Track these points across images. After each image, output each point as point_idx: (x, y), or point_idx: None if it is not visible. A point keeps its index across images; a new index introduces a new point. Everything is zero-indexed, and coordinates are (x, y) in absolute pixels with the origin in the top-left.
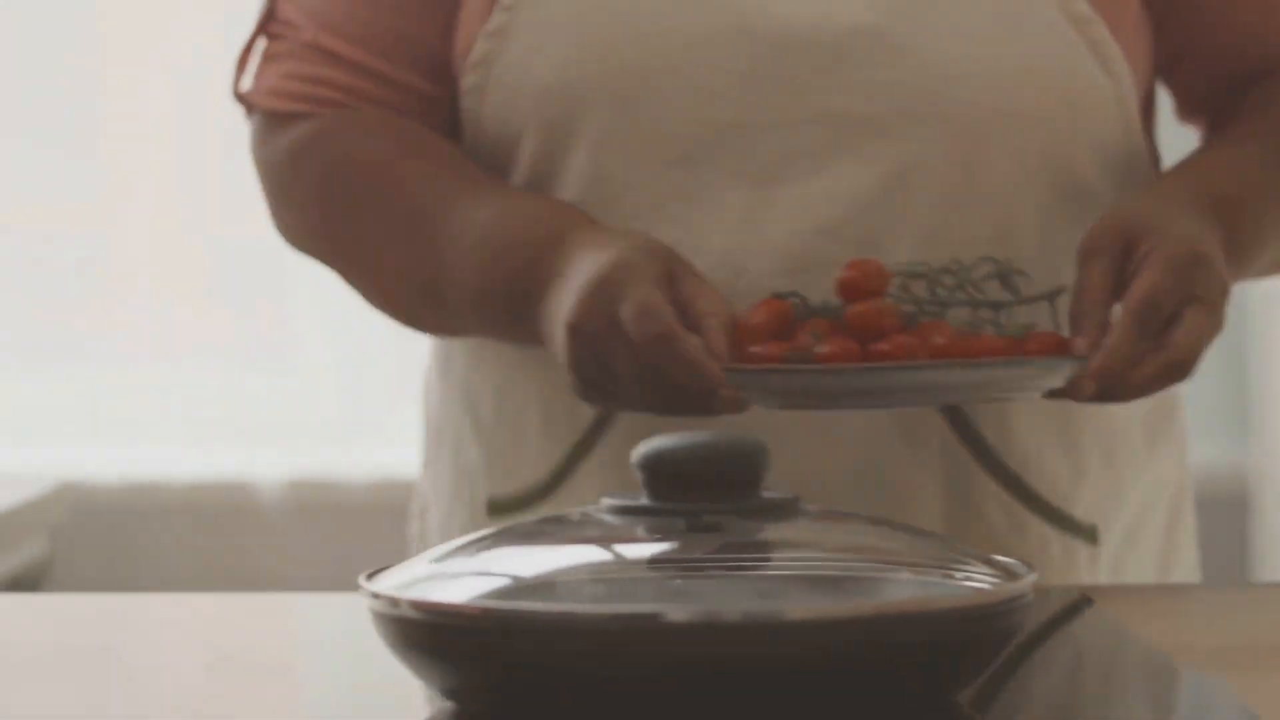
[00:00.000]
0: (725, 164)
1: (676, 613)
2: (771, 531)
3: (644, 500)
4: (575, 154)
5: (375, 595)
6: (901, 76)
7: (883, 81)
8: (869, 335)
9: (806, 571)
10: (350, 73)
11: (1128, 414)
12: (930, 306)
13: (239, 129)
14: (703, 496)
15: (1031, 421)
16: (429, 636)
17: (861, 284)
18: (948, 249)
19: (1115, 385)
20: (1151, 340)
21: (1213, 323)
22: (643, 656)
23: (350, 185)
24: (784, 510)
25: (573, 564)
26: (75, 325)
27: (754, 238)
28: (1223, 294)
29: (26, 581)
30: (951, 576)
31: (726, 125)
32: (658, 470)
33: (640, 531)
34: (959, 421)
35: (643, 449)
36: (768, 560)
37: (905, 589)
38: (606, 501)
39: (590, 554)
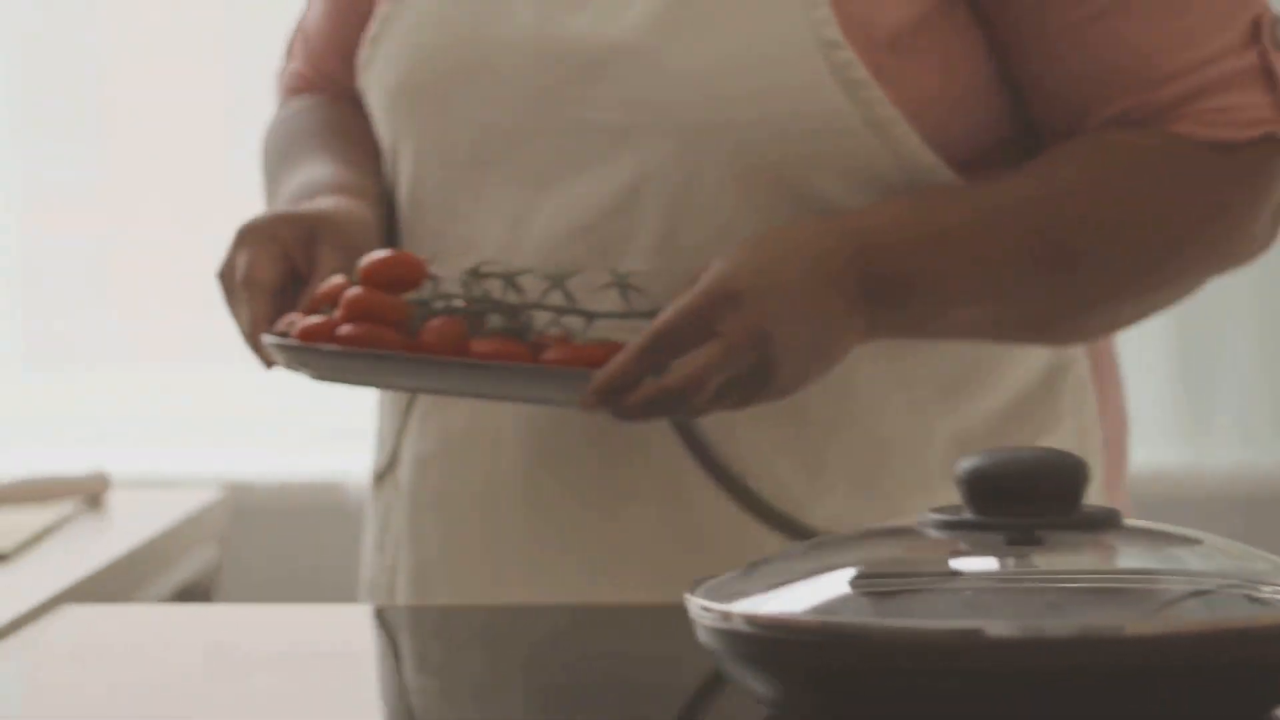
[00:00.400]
0: (505, 168)
1: (1000, 628)
2: (1091, 545)
3: (966, 514)
4: (404, 154)
5: (705, 609)
6: (647, 92)
7: (631, 96)
8: (373, 321)
9: (1127, 585)
10: (315, 71)
11: (884, 424)
12: (485, 305)
13: None
14: (1024, 510)
15: (760, 428)
16: (759, 649)
17: (383, 274)
18: (676, 256)
19: (612, 404)
20: (654, 367)
21: (726, 360)
22: (967, 671)
23: (266, 150)
24: (1104, 524)
25: (896, 577)
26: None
27: (523, 239)
28: (748, 333)
29: (199, 590)
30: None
31: (508, 131)
32: (979, 484)
33: (962, 545)
34: (682, 426)
35: (964, 464)
36: (1089, 574)
37: (1231, 605)
38: (928, 515)
39: (913, 566)
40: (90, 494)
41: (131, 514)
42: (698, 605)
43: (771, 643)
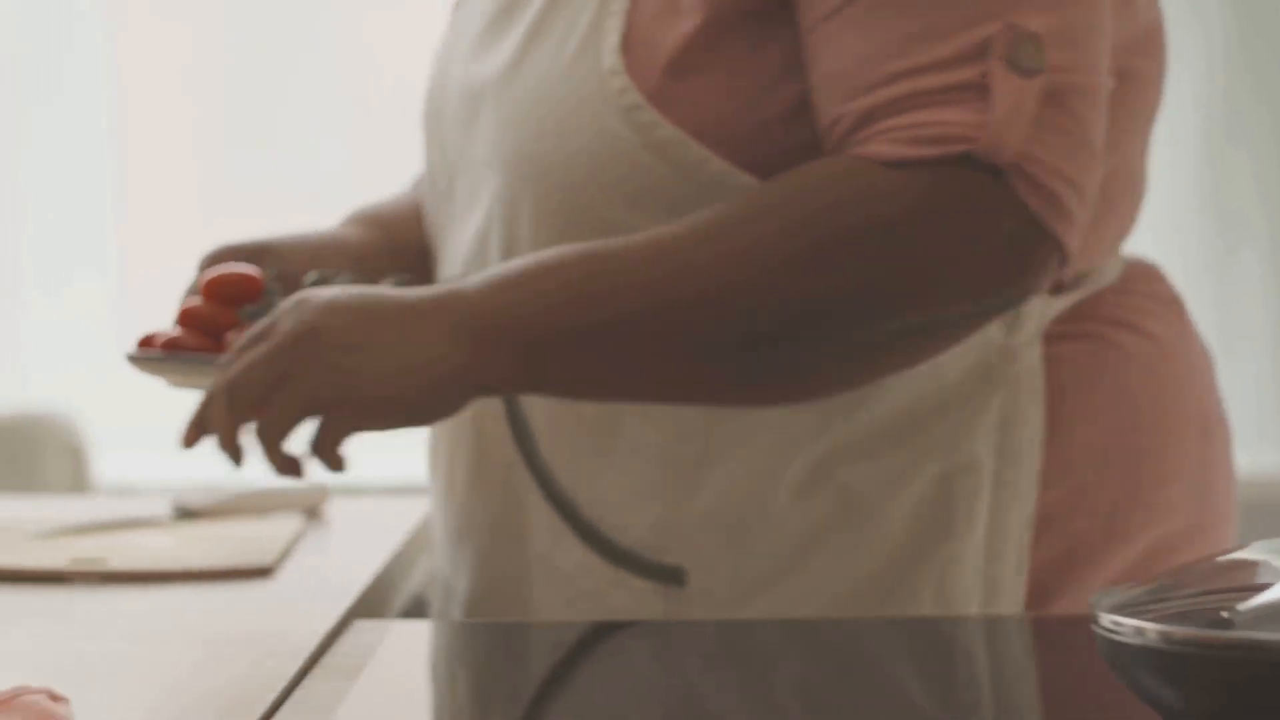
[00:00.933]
0: (448, 207)
1: None
2: None
3: None
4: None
5: (1113, 624)
6: (493, 132)
7: (487, 136)
8: (201, 331)
9: None
10: None
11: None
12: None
13: None
14: None
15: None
16: (1170, 664)
17: (219, 288)
18: None
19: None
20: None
21: (271, 353)
22: None
23: None
24: None
25: None
26: None
27: (447, 267)
28: (294, 325)
29: (421, 602)
30: None
31: (450, 167)
32: None
33: None
34: (530, 458)
35: None
36: None
37: None
38: None
39: None
40: (310, 505)
41: (353, 524)
42: (1106, 619)
43: (1183, 659)
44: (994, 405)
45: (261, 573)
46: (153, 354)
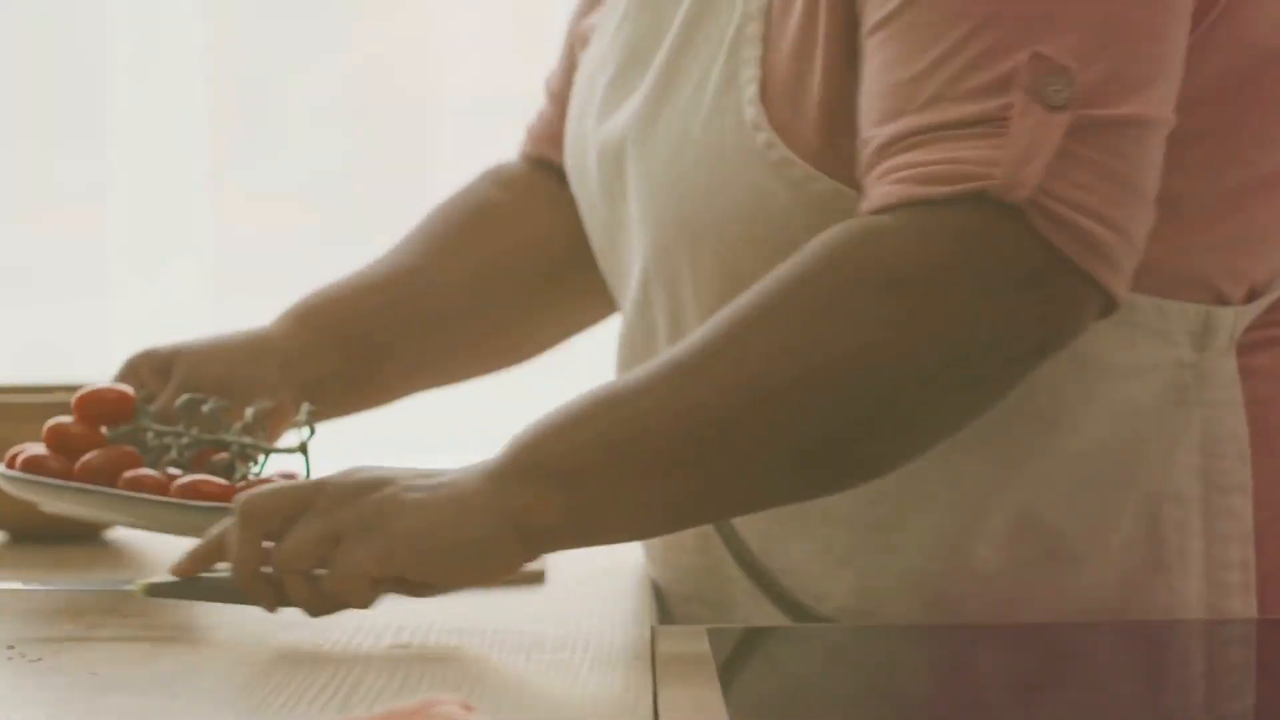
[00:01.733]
0: (611, 257)
1: None
2: None
3: None
4: None
5: None
6: (638, 192)
7: (636, 190)
8: (65, 451)
9: None
10: (556, 110)
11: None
12: (167, 438)
13: None
14: None
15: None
16: None
17: (88, 406)
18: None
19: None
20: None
21: (322, 520)
22: None
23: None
24: None
25: None
26: None
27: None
28: (340, 489)
29: None
30: None
31: (601, 224)
32: None
33: None
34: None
35: None
36: None
37: None
38: None
39: None
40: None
41: None
42: None
43: None
44: (1194, 425)
45: (535, 579)
46: (14, 474)
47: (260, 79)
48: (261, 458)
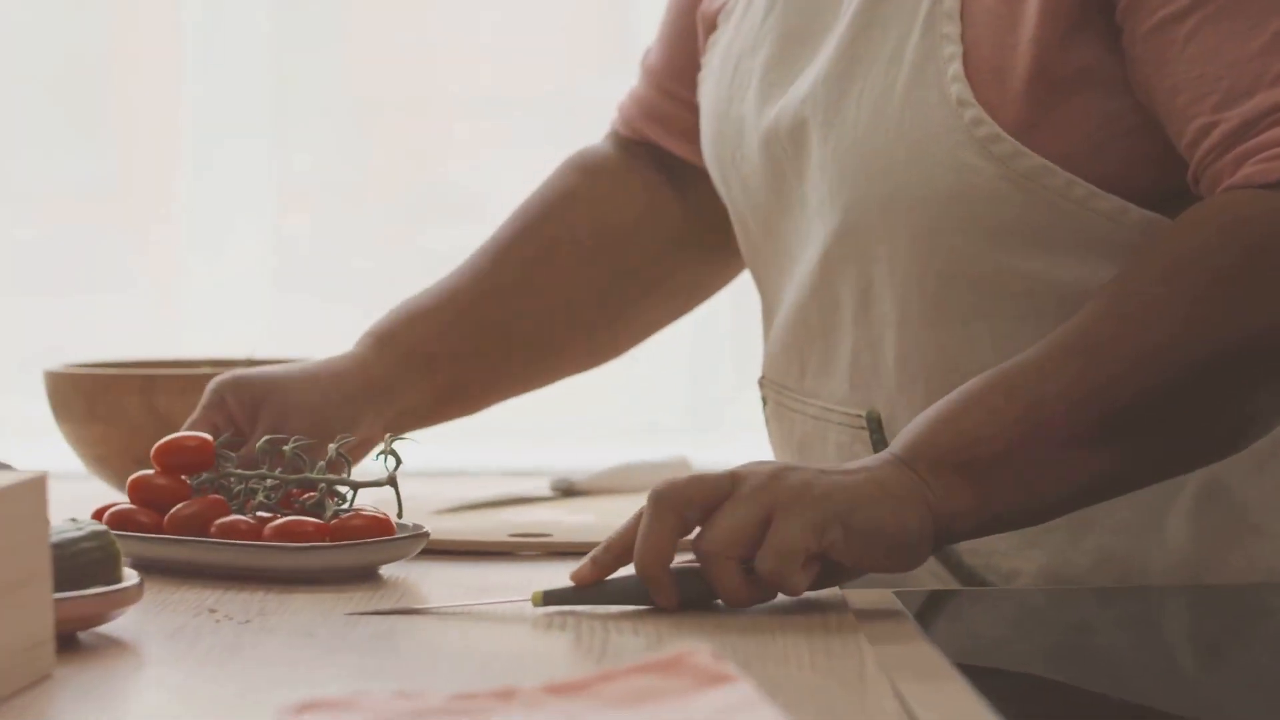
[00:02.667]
0: (767, 241)
1: None
2: None
3: None
4: None
5: None
6: (824, 173)
7: (817, 169)
8: (148, 503)
9: None
10: (657, 91)
11: None
12: (250, 482)
13: None
14: None
15: None
16: None
17: (167, 457)
18: (870, 329)
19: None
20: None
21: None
22: None
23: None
24: None
25: None
26: None
27: (777, 301)
28: (763, 474)
29: None
30: None
31: (758, 208)
32: None
33: None
34: None
35: None
36: None
37: None
38: None
39: None
40: None
41: None
42: None
43: None
44: None
45: None
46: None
47: (322, 72)
48: (349, 492)
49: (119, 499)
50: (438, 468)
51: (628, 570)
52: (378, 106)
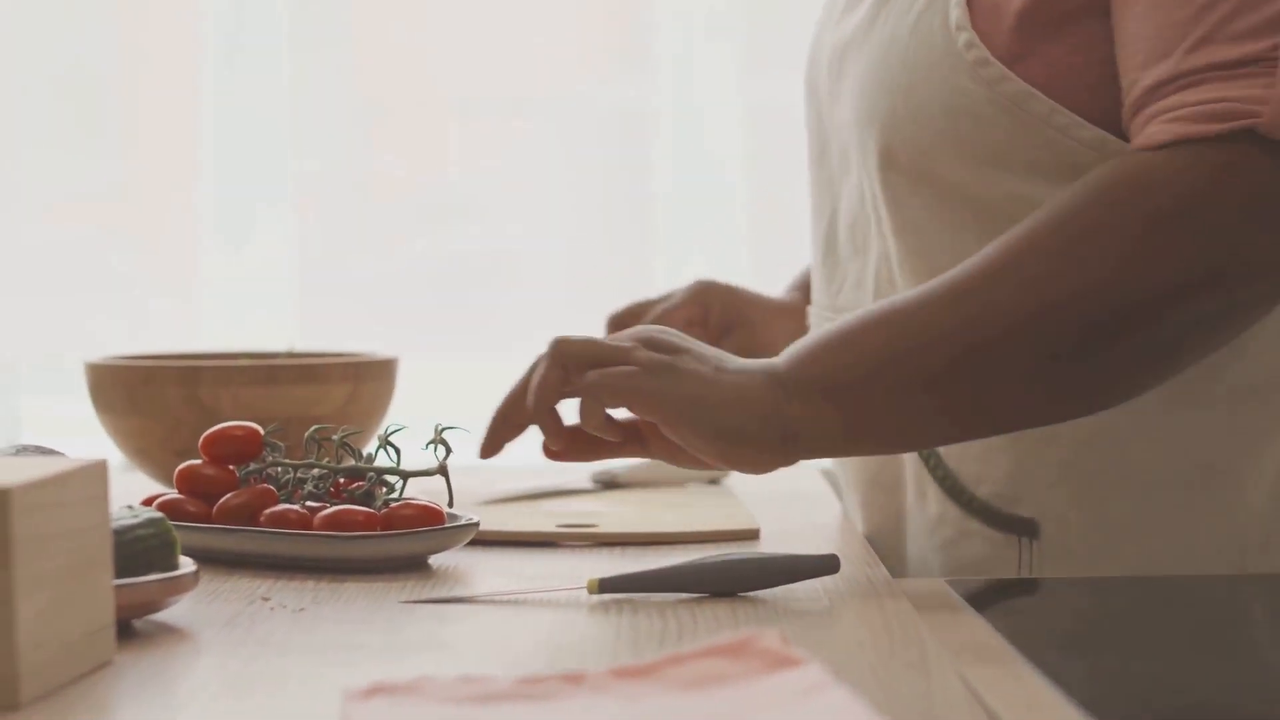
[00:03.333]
0: (819, 164)
1: None
2: None
3: None
4: None
5: None
6: (852, 93)
7: (849, 97)
8: (196, 493)
9: None
10: None
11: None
12: (297, 473)
13: None
14: None
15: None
16: None
17: (216, 446)
18: (862, 258)
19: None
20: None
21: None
22: None
23: None
24: None
25: None
26: None
27: (824, 225)
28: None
29: None
30: None
31: (820, 129)
32: None
33: None
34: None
35: None
36: None
37: None
38: None
39: None
40: (713, 474)
41: (753, 492)
42: None
43: None
44: None
45: (751, 535)
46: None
47: (342, 68)
48: (399, 482)
49: (159, 491)
50: (478, 462)
51: (682, 558)
52: (391, 107)
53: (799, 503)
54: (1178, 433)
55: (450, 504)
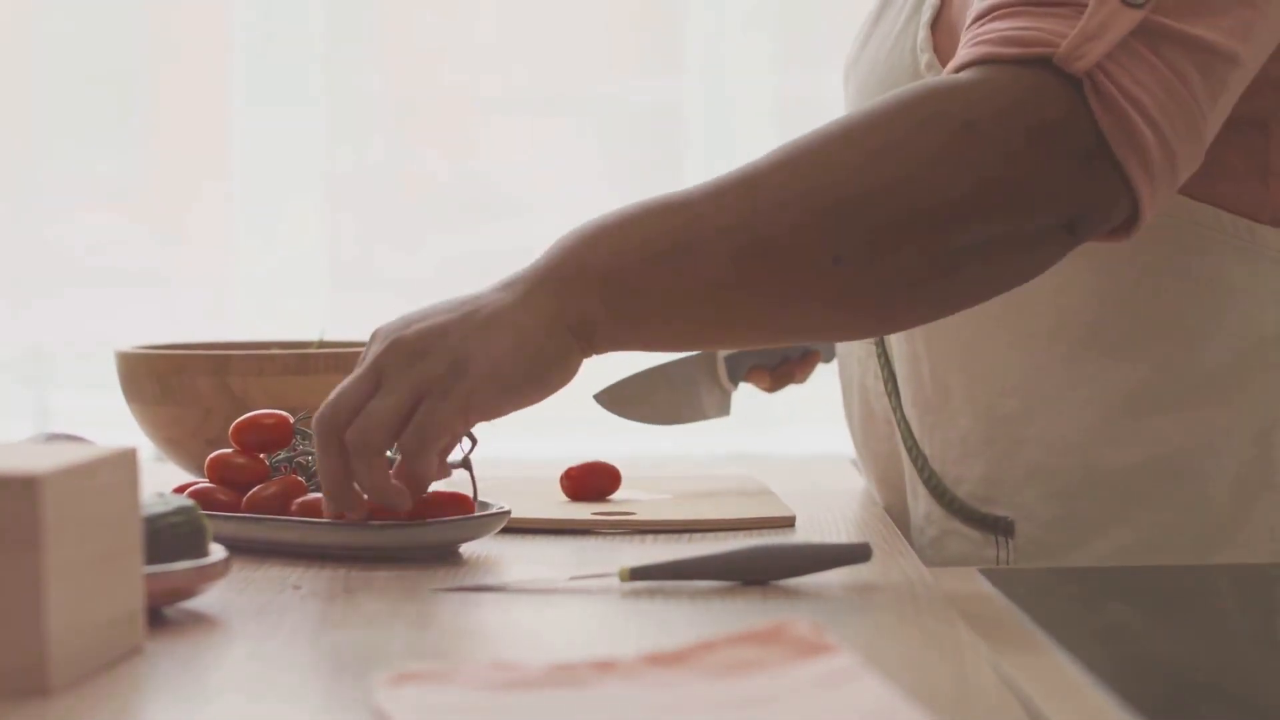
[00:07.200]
0: None
1: None
2: None
3: None
4: None
5: None
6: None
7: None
8: (226, 482)
9: None
10: None
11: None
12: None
13: None
14: None
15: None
16: None
17: (245, 434)
18: None
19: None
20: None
21: (372, 375)
22: None
23: None
24: None
25: None
26: None
27: None
28: (385, 349)
29: None
30: None
31: None
32: None
33: None
34: (892, 394)
35: None
36: None
37: None
38: None
39: None
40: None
41: (785, 484)
42: None
43: None
44: None
45: (787, 522)
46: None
47: (375, 62)
48: None
49: (189, 481)
50: (500, 457)
51: (715, 547)
52: (424, 103)
53: (832, 493)
54: (1142, 434)
55: (475, 495)
